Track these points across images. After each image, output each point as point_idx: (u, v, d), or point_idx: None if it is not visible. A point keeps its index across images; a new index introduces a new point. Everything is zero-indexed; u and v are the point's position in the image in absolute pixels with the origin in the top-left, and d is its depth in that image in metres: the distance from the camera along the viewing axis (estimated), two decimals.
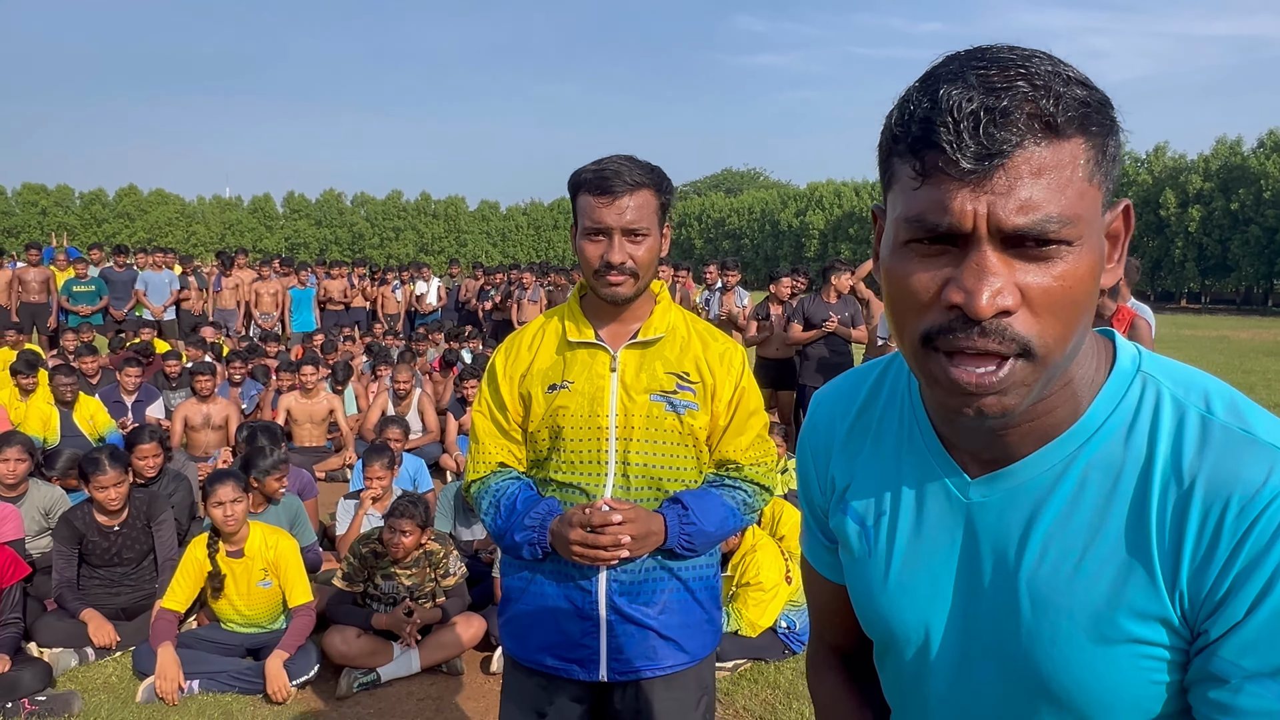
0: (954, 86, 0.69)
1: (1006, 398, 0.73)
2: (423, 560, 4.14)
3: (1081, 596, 0.79)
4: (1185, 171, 46.15)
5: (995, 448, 0.83)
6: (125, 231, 60.16)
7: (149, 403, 8.22)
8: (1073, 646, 0.79)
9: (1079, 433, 0.80)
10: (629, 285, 1.86)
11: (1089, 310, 0.74)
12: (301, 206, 67.97)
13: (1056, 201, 0.69)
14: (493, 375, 2.00)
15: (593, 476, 1.89)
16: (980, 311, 0.69)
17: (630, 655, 1.90)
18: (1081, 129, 0.70)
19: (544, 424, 1.91)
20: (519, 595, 1.97)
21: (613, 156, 1.87)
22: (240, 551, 3.94)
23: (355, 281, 14.34)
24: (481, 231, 70.45)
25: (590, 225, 1.84)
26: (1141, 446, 0.78)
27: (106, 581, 4.27)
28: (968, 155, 0.68)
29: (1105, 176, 0.73)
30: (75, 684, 3.85)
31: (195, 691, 3.75)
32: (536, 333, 2.00)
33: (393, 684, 3.92)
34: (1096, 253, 0.73)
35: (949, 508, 0.88)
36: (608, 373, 1.91)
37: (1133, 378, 0.81)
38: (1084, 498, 0.79)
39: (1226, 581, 0.72)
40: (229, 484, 3.86)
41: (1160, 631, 0.76)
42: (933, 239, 0.72)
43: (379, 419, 7.77)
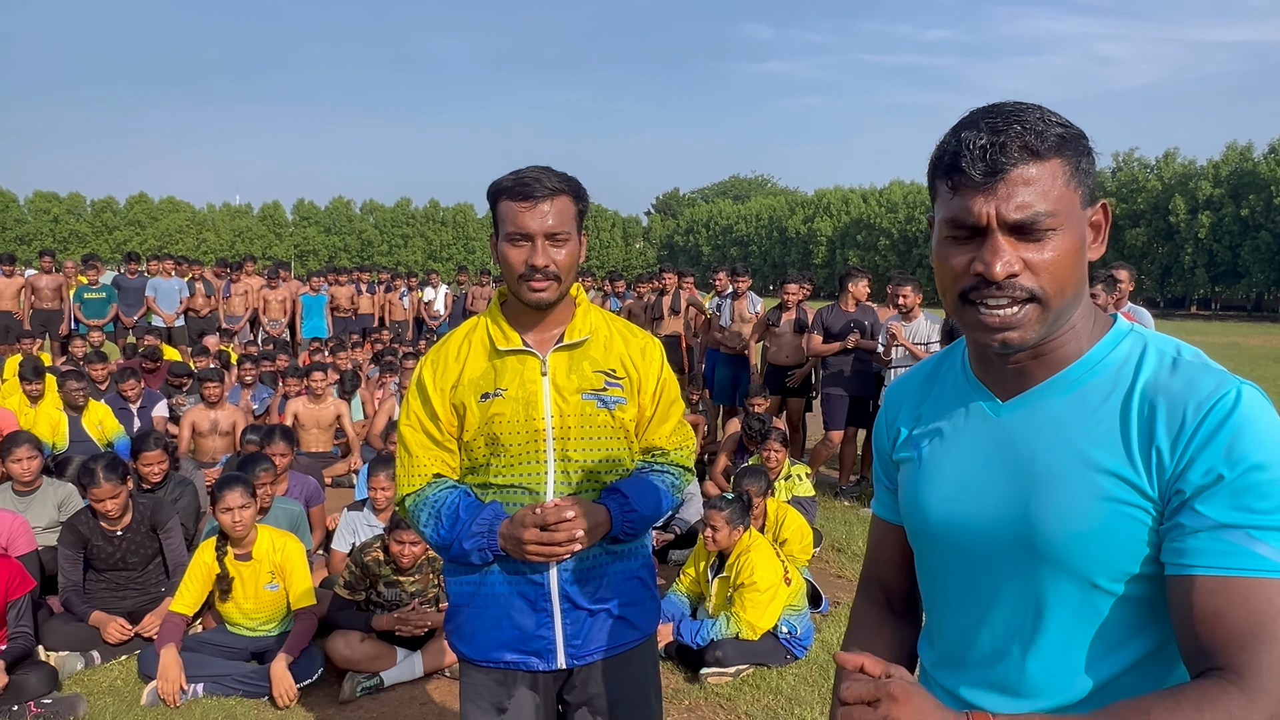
0: (970, 130, 1.04)
1: (1022, 330, 1.06)
2: (426, 566, 4.15)
3: (1078, 471, 1.07)
4: (1195, 178, 45.99)
5: (1018, 380, 1.15)
6: (136, 239, 60.57)
7: (152, 407, 8.28)
8: (1071, 509, 1.06)
9: (1083, 365, 1.12)
10: (553, 289, 1.91)
11: (1077, 272, 1.06)
12: (311, 214, 68.33)
13: (1042, 202, 1.02)
14: (422, 388, 2.01)
15: (534, 476, 1.95)
16: (995, 275, 1.03)
17: (586, 638, 1.98)
18: (1058, 153, 1.03)
19: (480, 432, 1.95)
20: (469, 600, 2.02)
21: (531, 166, 1.94)
22: (248, 555, 3.97)
23: (363, 288, 14.39)
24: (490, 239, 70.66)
25: (513, 230, 1.89)
26: (1129, 375, 1.09)
27: (112, 585, 4.30)
28: (979, 173, 1.02)
29: (1081, 184, 1.06)
30: (81, 687, 3.89)
31: (200, 694, 3.78)
32: (462, 343, 2.03)
33: (395, 688, 3.94)
34: (1078, 235, 1.06)
35: (984, 424, 1.17)
36: (539, 377, 1.96)
37: (1126, 333, 1.13)
38: (1085, 407, 1.09)
39: (1189, 453, 1.01)
40: (237, 489, 3.89)
41: (1137, 495, 1.04)
42: (963, 232, 1.06)
43: (385, 423, 7.82)
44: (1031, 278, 1.03)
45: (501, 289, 2.05)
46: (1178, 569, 1.00)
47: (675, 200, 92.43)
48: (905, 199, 55.65)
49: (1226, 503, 0.98)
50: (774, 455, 5.83)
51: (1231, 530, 0.97)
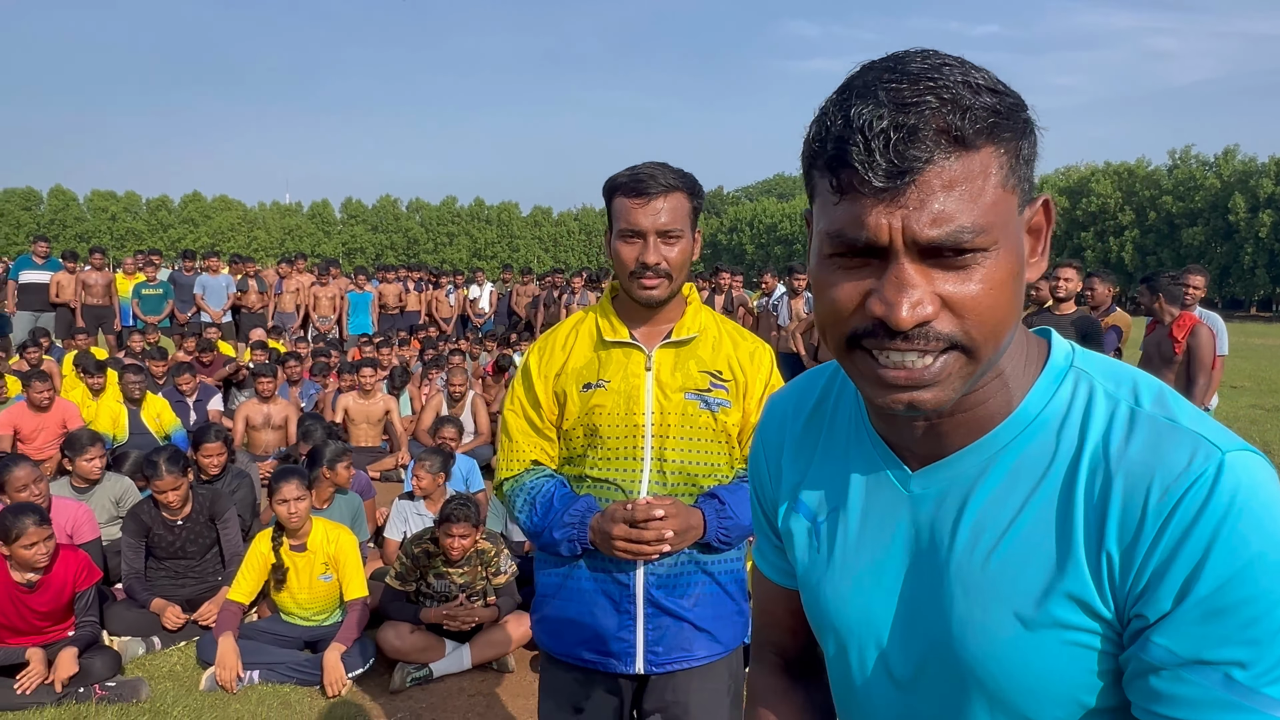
0: (865, 104, 0.71)
1: (937, 390, 0.76)
2: (474, 559, 4.21)
3: (1009, 582, 0.79)
4: (1256, 175, 44.74)
5: (930, 442, 0.85)
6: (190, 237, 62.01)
7: (208, 400, 8.49)
8: (1001, 632, 0.80)
9: (1012, 425, 0.82)
10: (664, 287, 1.89)
11: (1013, 308, 0.76)
12: (358, 212, 69.35)
13: (969, 212, 0.71)
14: (527, 374, 2.02)
15: (629, 473, 1.93)
16: (901, 324, 0.72)
17: (666, 647, 1.94)
18: (991, 138, 0.71)
19: (579, 422, 1.94)
20: (554, 591, 2.01)
21: (647, 162, 1.91)
22: (303, 546, 4.06)
23: (410, 286, 14.59)
24: (534, 237, 71.13)
25: (625, 227, 1.87)
26: (1073, 438, 0.79)
27: (172, 573, 4.42)
28: (879, 174, 0.70)
29: (1020, 179, 0.74)
30: (142, 671, 4.00)
31: (255, 681, 3.87)
32: (569, 332, 2.03)
33: (444, 679, 4.00)
34: (1014, 254, 0.75)
35: (892, 501, 0.89)
36: (643, 371, 1.94)
37: (1065, 372, 0.83)
38: (1015, 487, 0.81)
39: (1152, 564, 0.72)
40: (293, 481, 3.98)
41: (1086, 618, 0.76)
42: (853, 253, 0.74)
43: (433, 418, 7.93)
44: (952, 321, 0.73)
45: (613, 283, 2.03)
46: (1144, 714, 0.75)
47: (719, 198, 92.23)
48: None
49: (1199, 633, 0.71)
50: None
51: (1205, 670, 0.71)
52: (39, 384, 6.59)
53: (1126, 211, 48.73)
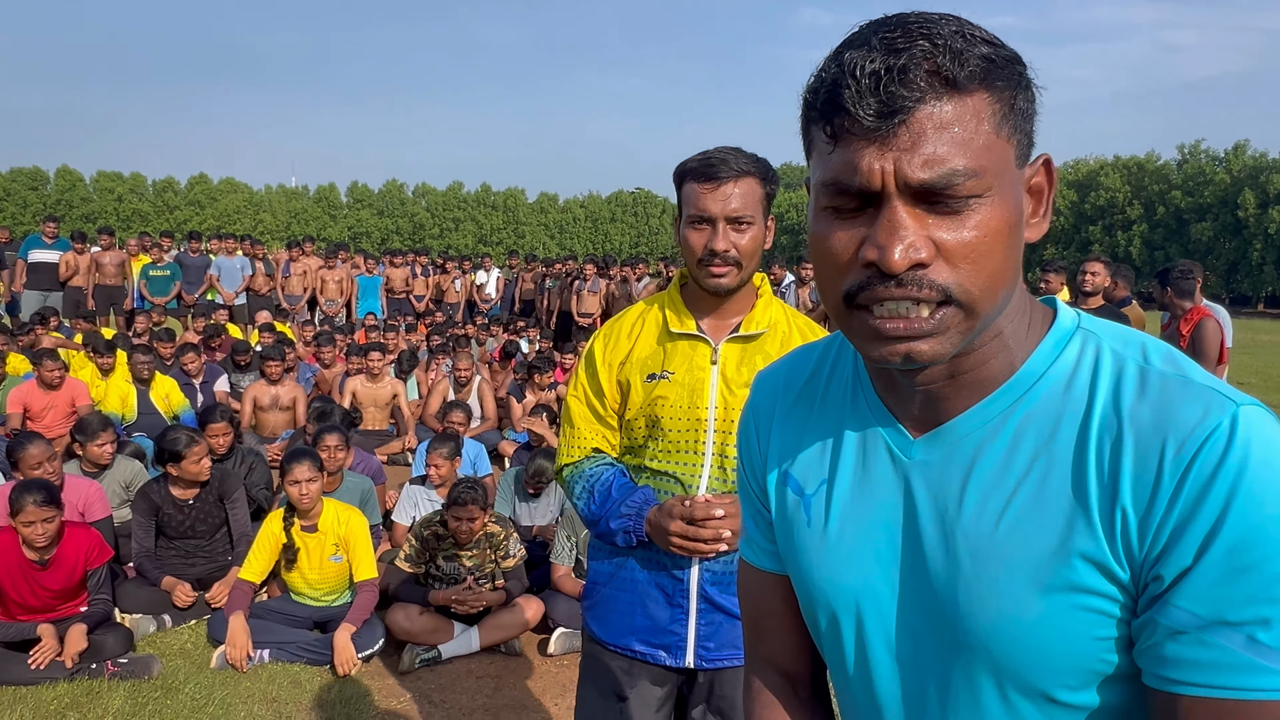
0: (858, 51, 0.71)
1: (934, 341, 0.74)
2: (484, 542, 4.22)
3: (1019, 546, 0.77)
4: (1266, 171, 44.50)
5: (932, 406, 0.83)
6: (195, 219, 62.02)
7: (214, 381, 8.52)
8: (1011, 599, 0.77)
9: (1016, 386, 0.80)
10: (733, 275, 1.84)
11: (1011, 260, 0.75)
12: (364, 196, 69.27)
13: (962, 154, 0.70)
14: (591, 361, 1.99)
15: (689, 467, 1.90)
16: (893, 266, 0.71)
17: (718, 643, 1.92)
18: (984, 83, 0.71)
19: (642, 412, 1.92)
20: (607, 580, 1.99)
21: (719, 147, 1.86)
22: (314, 526, 4.08)
23: (418, 271, 14.60)
24: (539, 223, 71.02)
25: (695, 213, 1.82)
26: (1082, 397, 0.77)
27: (182, 553, 4.45)
28: (869, 113, 0.70)
29: (1015, 130, 0.74)
30: (154, 648, 4.03)
31: (266, 660, 3.90)
32: (636, 320, 2.00)
33: (453, 661, 4.02)
34: (1011, 204, 0.74)
35: (891, 469, 0.87)
36: (708, 365, 1.90)
37: (1071, 334, 0.81)
38: (1021, 448, 0.78)
39: (1171, 522, 0.70)
40: (305, 463, 4.00)
41: (1101, 580, 0.74)
42: (847, 201, 0.74)
43: (439, 404, 7.95)
44: (947, 269, 0.72)
45: (683, 270, 1.99)
46: (1157, 682, 0.72)
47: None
48: None
49: (1221, 593, 0.68)
50: None
51: (1227, 631, 0.68)
52: (50, 362, 6.62)
53: (1135, 206, 48.52)
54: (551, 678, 3.94)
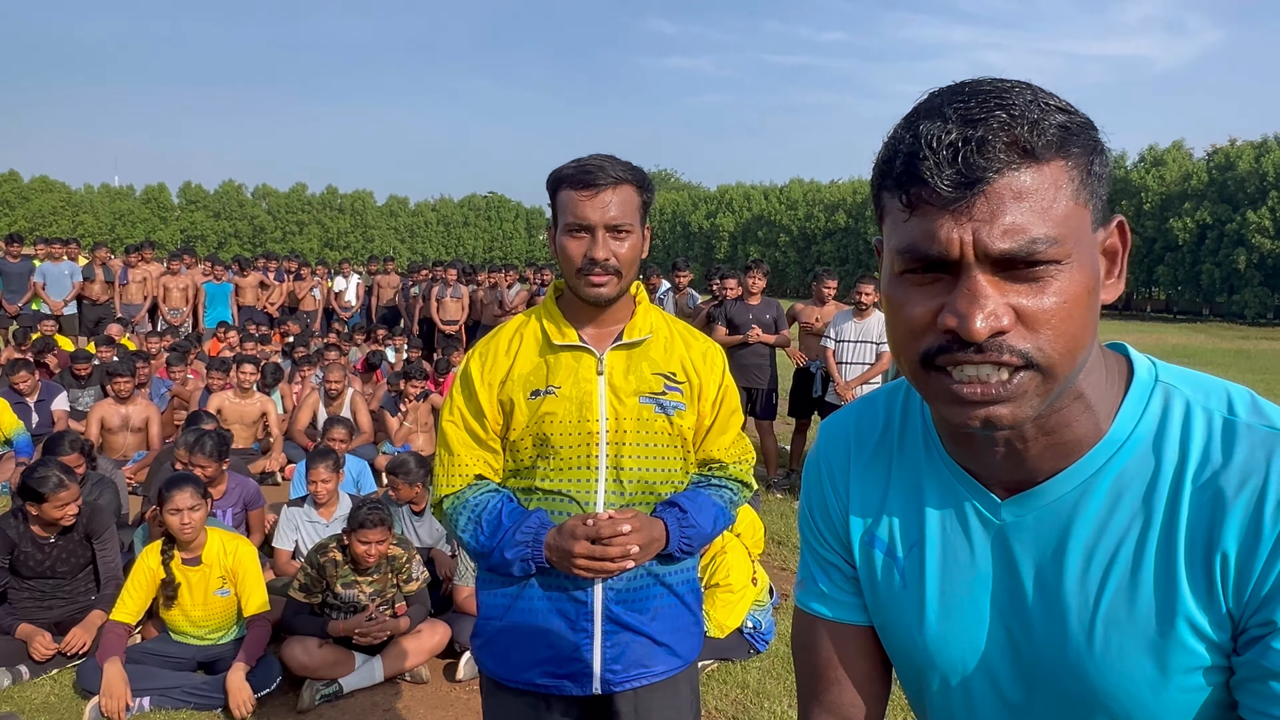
0: (933, 121, 0.72)
1: (1014, 406, 0.75)
2: (384, 566, 4.02)
3: (1125, 609, 0.79)
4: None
5: (1017, 469, 0.84)
6: (5, 219, 56.68)
7: (51, 400, 7.77)
8: (1124, 658, 0.80)
9: (1106, 447, 0.81)
10: (612, 285, 1.81)
11: (1089, 325, 0.76)
12: (198, 197, 65.24)
13: (1041, 223, 0.71)
14: (468, 382, 1.89)
15: (583, 484, 1.84)
16: (975, 335, 0.72)
17: (625, 664, 1.86)
18: (1061, 151, 0.72)
19: (528, 431, 1.84)
20: (502, 613, 1.89)
21: (594, 154, 1.82)
22: (197, 559, 3.76)
23: (270, 275, 13.85)
24: (389, 227, 68.96)
25: (573, 221, 1.78)
26: (1173, 455, 0.79)
27: (38, 594, 4.01)
28: (948, 184, 0.71)
29: (1092, 195, 0.75)
30: (11, 704, 3.61)
31: (147, 709, 3.56)
32: (513, 335, 1.92)
33: (356, 695, 3.81)
34: (1090, 269, 0.75)
35: (982, 531, 0.88)
36: (595, 376, 1.85)
37: (1153, 388, 0.83)
38: (1119, 510, 0.80)
39: (1273, 573, 0.73)
40: (187, 489, 3.68)
41: (1207, 635, 0.77)
42: (925, 268, 0.75)
43: (309, 419, 7.55)
44: (1027, 335, 0.73)
45: (558, 282, 1.94)
46: (1259, 716, 0.75)
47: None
48: (805, 197, 56.72)
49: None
50: None
51: None
52: None
53: None
54: (463, 704, 3.79)
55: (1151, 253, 44.01)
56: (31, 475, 3.90)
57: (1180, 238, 41.16)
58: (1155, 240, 43.64)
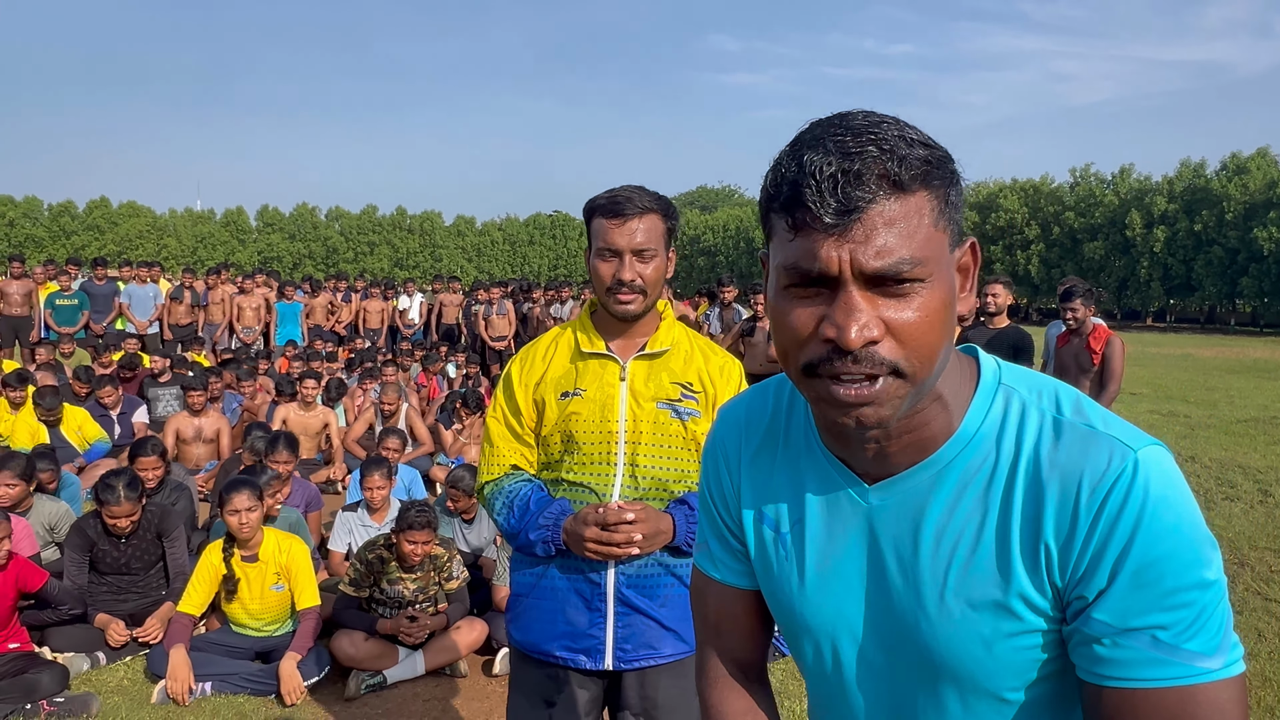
0: (815, 152, 0.82)
1: (881, 409, 0.85)
2: (427, 564, 4.28)
3: (967, 583, 0.91)
4: (1150, 193, 47.17)
5: (881, 462, 0.96)
6: (95, 244, 59.58)
7: (132, 413, 8.30)
8: (964, 626, 0.91)
9: (955, 443, 0.93)
10: (639, 302, 2.01)
11: (948, 335, 0.87)
12: (275, 220, 67.65)
13: (907, 246, 0.81)
14: (509, 382, 2.12)
15: (602, 478, 2.03)
16: (850, 344, 0.82)
17: (635, 645, 2.04)
18: (924, 184, 0.83)
19: (557, 428, 2.05)
20: (529, 590, 2.10)
21: (624, 185, 2.03)
22: (254, 556, 4.08)
23: (338, 296, 14.43)
24: (457, 247, 70.44)
25: (603, 246, 1.99)
26: (1010, 450, 0.91)
27: (114, 589, 4.37)
28: (829, 211, 0.81)
29: (949, 220, 0.86)
30: (90, 686, 3.96)
31: (209, 693, 3.87)
32: (550, 344, 2.14)
33: (399, 686, 4.06)
34: (947, 287, 0.86)
35: (852, 512, 0.99)
36: (617, 381, 2.05)
37: (996, 389, 0.95)
38: (964, 498, 0.92)
39: (1089, 553, 0.85)
40: (245, 492, 4.00)
41: (1031, 606, 0.89)
42: (807, 283, 0.84)
43: (364, 430, 7.91)
44: (893, 347, 0.83)
45: (592, 299, 2.15)
46: (1086, 675, 0.89)
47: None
48: None
49: (1131, 605, 0.84)
50: None
51: (1138, 635, 0.84)
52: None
53: (1033, 226, 50.79)
54: (498, 698, 4.01)
55: (1235, 264, 42.53)
56: (99, 483, 4.28)
57: (1266, 248, 39.73)
58: (1239, 251, 42.16)
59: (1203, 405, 13.41)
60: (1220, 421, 11.68)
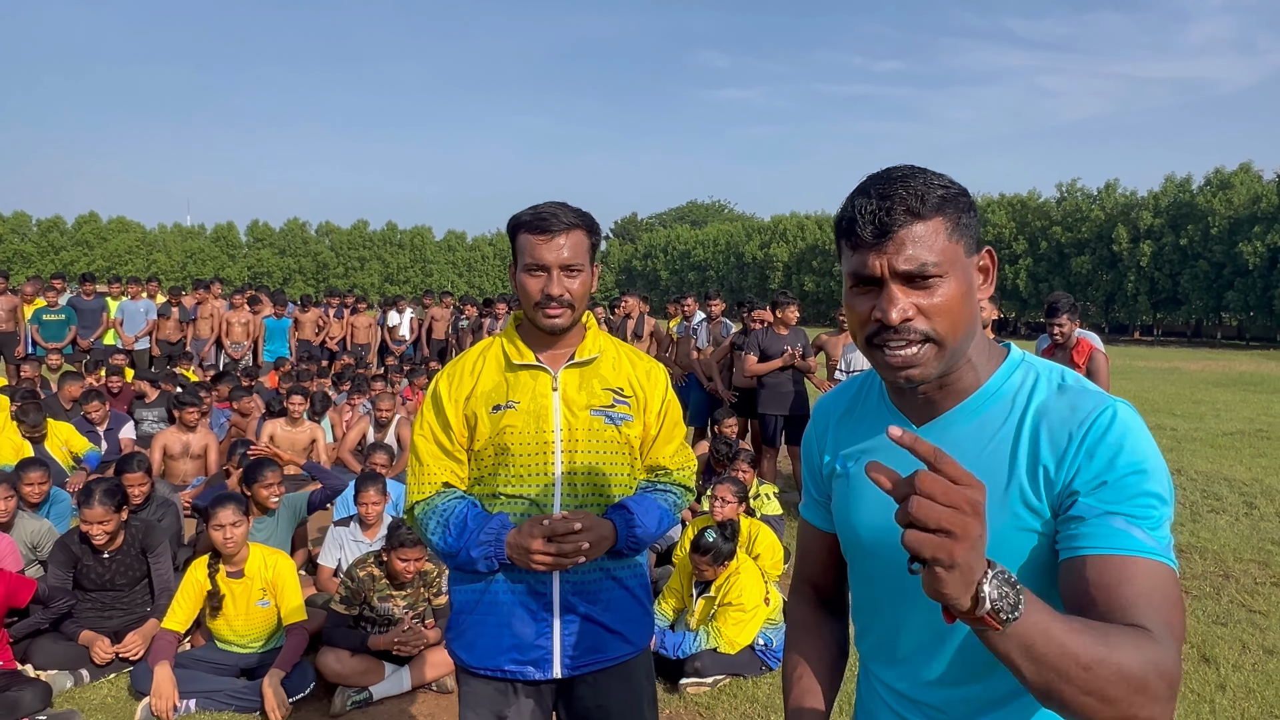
0: (863, 198, 1.20)
1: (922, 368, 1.21)
2: (417, 581, 4.27)
3: (990, 495, 1.11)
4: (1136, 208, 47.51)
5: (929, 407, 1.30)
6: (84, 260, 59.36)
7: (119, 429, 8.26)
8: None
9: (981, 395, 1.28)
10: (566, 316, 2.04)
11: (968, 313, 1.21)
12: (265, 235, 67.52)
13: (928, 254, 1.17)
14: (437, 399, 2.10)
15: (541, 489, 2.04)
16: (892, 321, 1.18)
17: (581, 650, 2.06)
18: (939, 212, 1.19)
19: (490, 442, 2.05)
20: (472, 607, 2.09)
21: (548, 202, 2.06)
22: (240, 572, 4.06)
23: (331, 313, 14.41)
24: (447, 262, 70.44)
25: (530, 262, 2.02)
26: (1023, 403, 1.25)
27: (98, 605, 4.35)
28: (870, 234, 1.18)
29: (963, 235, 1.21)
30: (72, 704, 3.93)
31: (193, 710, 3.85)
32: (477, 358, 2.13)
33: (384, 702, 4.04)
34: (964, 279, 1.21)
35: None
36: (550, 392, 2.07)
37: (1019, 364, 1.30)
38: (985, 432, 1.25)
39: (1078, 463, 1.17)
40: (229, 507, 3.99)
41: (1031, 513, 1.19)
42: (863, 283, 1.21)
43: (358, 441, 7.89)
44: (925, 321, 1.18)
45: (517, 313, 2.18)
46: (1071, 552, 1.14)
47: (633, 225, 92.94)
48: None
49: (1109, 498, 1.13)
50: (742, 476, 6.02)
51: (1114, 517, 1.12)
52: None
53: (1020, 241, 51.05)
54: None
55: (1221, 278, 42.82)
56: (85, 488, 4.27)
57: (1250, 262, 40.01)
58: (1224, 265, 42.45)
59: (1189, 418, 13.48)
60: (1206, 434, 11.75)
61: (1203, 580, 5.76)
